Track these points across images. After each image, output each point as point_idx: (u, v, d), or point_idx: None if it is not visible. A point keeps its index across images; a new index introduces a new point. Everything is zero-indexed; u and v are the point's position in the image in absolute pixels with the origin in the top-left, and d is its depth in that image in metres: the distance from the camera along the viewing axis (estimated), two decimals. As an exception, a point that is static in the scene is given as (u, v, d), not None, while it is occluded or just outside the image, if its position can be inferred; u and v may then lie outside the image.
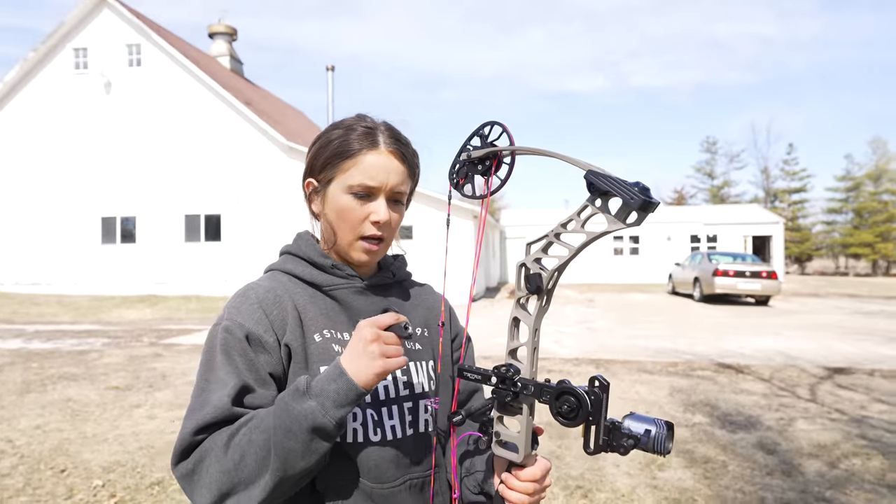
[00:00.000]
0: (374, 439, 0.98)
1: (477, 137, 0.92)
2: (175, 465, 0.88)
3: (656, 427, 0.79)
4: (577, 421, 0.81)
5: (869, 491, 3.52)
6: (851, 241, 43.78)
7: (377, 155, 1.01)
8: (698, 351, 8.51)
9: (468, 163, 0.92)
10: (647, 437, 0.79)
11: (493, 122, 0.91)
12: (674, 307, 15.84)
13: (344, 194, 1.01)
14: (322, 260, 1.06)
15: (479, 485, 1.02)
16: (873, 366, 7.39)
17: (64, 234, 18.18)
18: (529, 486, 0.89)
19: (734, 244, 28.19)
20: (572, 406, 0.81)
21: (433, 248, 15.14)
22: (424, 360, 1.09)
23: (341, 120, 1.07)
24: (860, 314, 14.18)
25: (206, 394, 0.90)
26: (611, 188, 0.75)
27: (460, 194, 0.94)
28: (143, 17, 18.63)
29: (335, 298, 1.05)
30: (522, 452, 0.87)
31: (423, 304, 1.17)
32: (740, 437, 4.56)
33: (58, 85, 18.34)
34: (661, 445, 0.78)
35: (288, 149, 17.23)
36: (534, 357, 0.85)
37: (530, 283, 0.83)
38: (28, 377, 6.43)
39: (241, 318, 0.96)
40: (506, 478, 0.91)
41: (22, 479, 3.59)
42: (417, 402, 1.05)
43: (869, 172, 45.43)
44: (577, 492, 3.51)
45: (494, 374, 0.87)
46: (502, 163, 0.90)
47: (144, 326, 11.32)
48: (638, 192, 0.73)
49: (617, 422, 0.81)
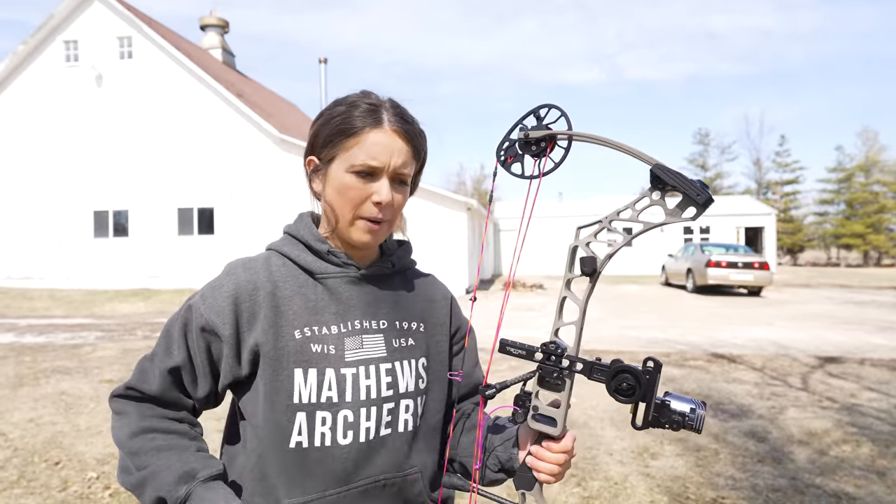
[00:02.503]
0: (342, 442, 0.95)
1: (532, 117, 0.90)
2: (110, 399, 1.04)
3: (699, 407, 0.84)
4: (634, 398, 0.84)
5: (858, 477, 3.57)
6: (843, 231, 44.07)
7: (381, 133, 0.97)
8: (691, 341, 8.57)
9: (522, 142, 0.90)
10: (693, 416, 0.83)
11: (550, 104, 0.89)
12: (667, 298, 15.92)
13: (346, 173, 0.97)
14: (318, 245, 1.02)
15: (501, 462, 1.01)
16: (864, 355, 7.46)
17: (56, 227, 18.06)
18: (562, 458, 0.90)
19: (727, 235, 28.32)
20: (630, 384, 0.84)
21: (426, 241, 15.11)
22: (415, 357, 1.05)
23: (345, 96, 1.02)
24: (851, 304, 14.30)
25: (152, 361, 1.01)
26: (678, 184, 0.78)
27: (508, 173, 0.92)
28: (134, 10, 18.44)
29: (326, 287, 1.01)
30: (560, 426, 0.89)
31: (422, 297, 1.12)
32: (732, 425, 4.60)
33: (48, 78, 18.15)
34: (701, 424, 0.83)
35: (280, 141, 17.15)
36: (580, 336, 0.88)
37: (585, 264, 0.85)
38: (21, 371, 6.41)
39: (205, 308, 0.97)
40: (536, 450, 0.91)
41: (16, 472, 3.59)
42: (399, 401, 1.01)
43: (860, 164, 45.69)
44: (571, 480, 3.53)
45: (542, 349, 0.89)
46: (557, 146, 0.89)
47: (138, 320, 11.28)
48: (703, 190, 0.77)
49: (665, 400, 0.84)
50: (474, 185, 57.68)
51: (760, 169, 50.51)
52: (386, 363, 1.01)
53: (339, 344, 0.98)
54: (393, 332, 1.04)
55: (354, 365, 0.98)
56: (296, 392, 0.94)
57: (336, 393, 0.96)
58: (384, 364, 1.01)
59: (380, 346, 1.01)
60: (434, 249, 15.33)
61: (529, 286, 18.64)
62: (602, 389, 0.86)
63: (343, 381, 0.96)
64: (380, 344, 1.02)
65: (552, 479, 0.91)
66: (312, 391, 0.95)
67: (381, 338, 1.02)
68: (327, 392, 0.95)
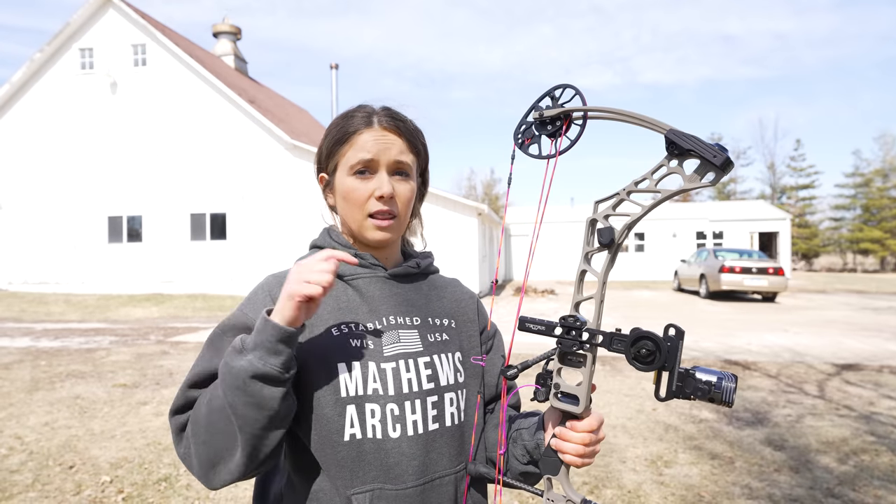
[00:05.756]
0: (392, 435, 0.95)
1: (548, 98, 0.90)
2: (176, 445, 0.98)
3: (727, 379, 0.79)
4: (655, 365, 0.80)
5: (878, 487, 3.50)
6: (861, 236, 43.50)
7: (371, 132, 1.01)
8: (704, 347, 8.48)
9: (538, 123, 0.89)
10: (720, 386, 0.79)
11: (565, 84, 0.89)
12: (680, 304, 15.79)
13: (347, 177, 1.01)
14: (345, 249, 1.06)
15: (528, 451, 0.99)
16: (882, 362, 7.34)
17: (71, 233, 18.27)
18: (586, 437, 0.87)
19: (740, 241, 28.06)
20: (650, 350, 0.80)
21: (437, 246, 15.09)
22: (451, 351, 1.05)
23: (344, 111, 1.07)
24: (868, 310, 14.09)
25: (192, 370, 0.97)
26: (693, 147, 0.75)
27: (525, 154, 0.92)
28: (148, 17, 18.68)
29: (356, 288, 1.03)
30: (583, 404, 0.86)
31: (449, 297, 1.14)
32: (747, 433, 4.54)
33: (64, 85, 18.41)
34: (730, 396, 0.79)
35: (292, 147, 17.24)
36: (600, 309, 0.86)
37: (602, 235, 0.82)
38: (37, 375, 6.47)
39: (250, 311, 0.98)
40: (560, 431, 0.89)
41: (31, 475, 3.61)
42: (442, 394, 1.01)
43: (877, 169, 45.12)
44: (584, 488, 3.50)
45: (560, 324, 0.86)
46: (573, 124, 0.88)
47: (151, 325, 11.37)
48: (720, 151, 0.74)
49: (690, 370, 0.80)
50: (485, 189, 57.74)
51: (775, 173, 50.05)
52: (424, 356, 1.01)
53: (377, 339, 1.00)
54: (426, 327, 1.05)
55: (394, 359, 0.99)
56: (342, 386, 0.95)
57: (381, 385, 0.96)
58: (422, 357, 1.01)
59: (416, 341, 1.02)
60: (445, 255, 15.32)
61: (541, 291, 18.57)
62: (614, 396, 0.84)
63: (384, 375, 0.97)
64: (415, 339, 1.03)
65: (578, 462, 0.88)
66: (358, 384, 0.95)
67: (415, 333, 1.03)
68: (373, 384, 0.96)
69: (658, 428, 4.62)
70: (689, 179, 0.76)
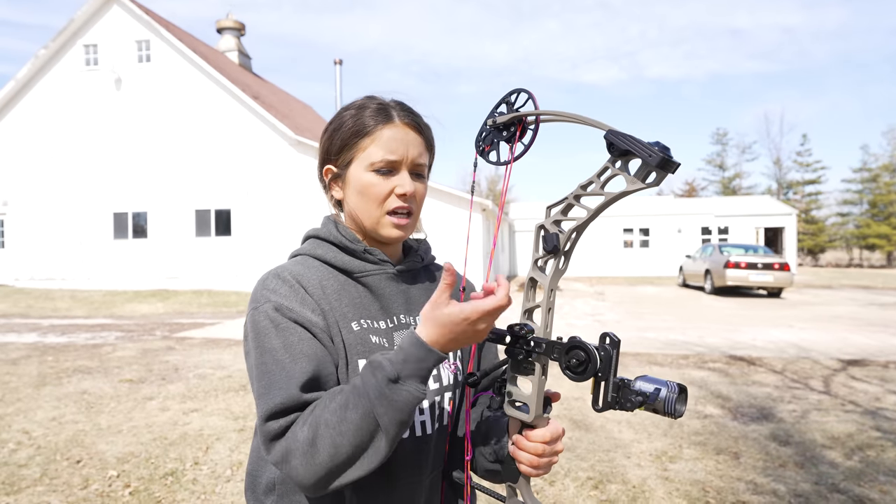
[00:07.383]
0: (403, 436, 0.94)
1: (504, 105, 0.91)
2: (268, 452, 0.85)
3: (667, 388, 0.77)
4: (586, 375, 0.80)
5: (884, 483, 3.49)
6: (868, 232, 43.27)
7: (393, 128, 0.98)
8: (709, 343, 8.46)
9: (493, 129, 0.91)
10: (657, 397, 0.77)
11: (519, 89, 0.90)
12: (685, 299, 15.75)
13: (366, 172, 0.98)
14: (353, 245, 1.02)
15: (496, 452, 1.00)
16: (888, 358, 7.31)
17: (77, 229, 18.36)
18: (539, 447, 0.86)
19: (746, 236, 27.96)
20: (581, 360, 0.80)
21: (440, 242, 15.08)
22: None
23: (351, 102, 1.04)
24: (874, 306, 14.03)
25: (270, 377, 0.87)
26: (630, 147, 0.74)
27: (486, 161, 0.93)
28: (151, 13, 18.70)
29: (367, 286, 1.02)
30: (533, 412, 0.86)
31: None
32: (752, 428, 4.53)
33: (68, 81, 18.47)
34: (671, 407, 0.77)
35: (296, 143, 17.26)
36: (548, 317, 0.85)
37: (547, 242, 0.83)
38: (44, 370, 6.51)
39: (284, 301, 0.91)
40: (517, 439, 0.89)
41: (39, 470, 3.64)
42: (443, 395, 1.02)
43: (886, 164, 44.84)
44: (588, 483, 3.50)
45: (508, 332, 0.86)
46: (527, 129, 0.89)
47: (157, 320, 11.42)
48: (657, 151, 0.71)
49: (627, 380, 0.79)
50: (489, 185, 57.63)
51: (781, 168, 49.81)
52: None
53: (390, 339, 1.00)
54: None
55: None
56: None
57: None
58: None
59: None
60: (449, 250, 15.30)
61: (545, 287, 18.54)
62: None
63: None
64: None
65: (531, 472, 0.88)
66: None
67: None
68: None
69: (663, 423, 4.61)
70: (631, 181, 0.75)
